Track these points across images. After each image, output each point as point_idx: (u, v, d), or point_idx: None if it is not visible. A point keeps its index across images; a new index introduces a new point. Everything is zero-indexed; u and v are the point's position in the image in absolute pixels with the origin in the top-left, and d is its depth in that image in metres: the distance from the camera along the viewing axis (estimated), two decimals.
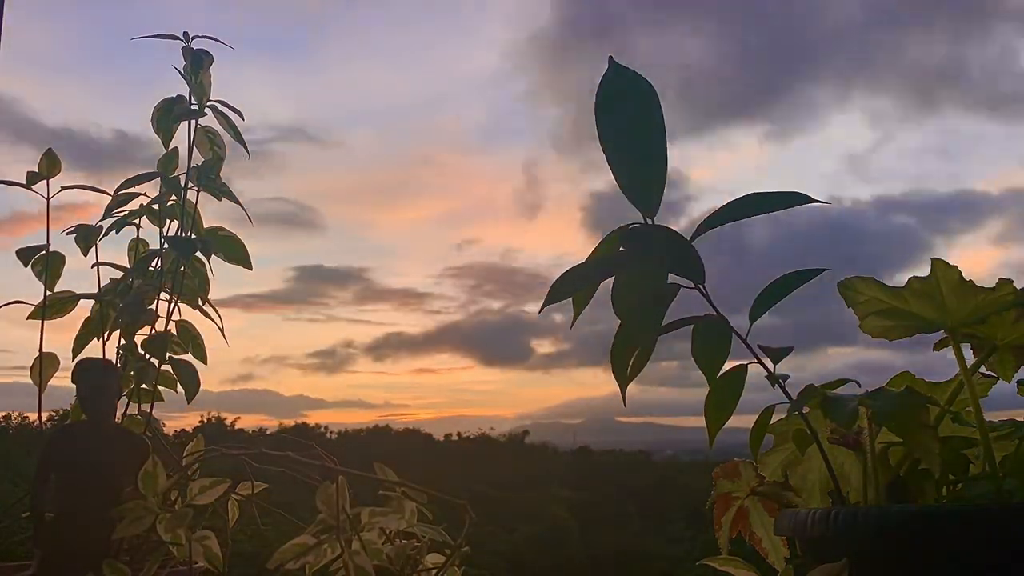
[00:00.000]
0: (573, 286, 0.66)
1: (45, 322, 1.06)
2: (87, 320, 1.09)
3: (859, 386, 0.66)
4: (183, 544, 0.84)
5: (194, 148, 1.09)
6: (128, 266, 1.11)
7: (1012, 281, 0.64)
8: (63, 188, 1.08)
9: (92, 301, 1.09)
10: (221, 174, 1.11)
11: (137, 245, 1.12)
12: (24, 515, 0.94)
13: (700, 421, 0.67)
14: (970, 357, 0.67)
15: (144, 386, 1.06)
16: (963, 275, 0.65)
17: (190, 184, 1.09)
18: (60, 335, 1.08)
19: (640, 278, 0.65)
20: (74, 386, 0.95)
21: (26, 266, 1.07)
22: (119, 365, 1.03)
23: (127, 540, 0.91)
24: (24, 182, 1.07)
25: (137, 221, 1.11)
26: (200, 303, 1.11)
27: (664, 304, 0.65)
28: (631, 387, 0.67)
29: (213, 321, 1.11)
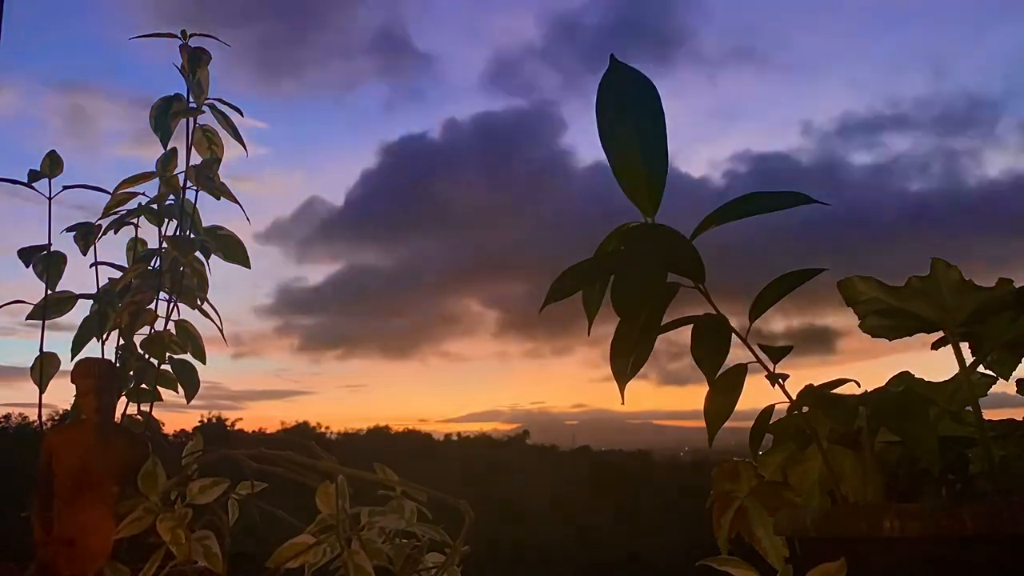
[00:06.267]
0: (573, 284, 0.66)
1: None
2: (86, 320, 1.09)
3: (858, 385, 0.66)
4: (183, 544, 0.84)
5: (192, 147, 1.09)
6: (127, 266, 1.11)
7: (1012, 280, 0.64)
8: (65, 187, 1.08)
9: (91, 301, 1.09)
10: None
11: (135, 244, 1.12)
12: (24, 515, 0.94)
13: (700, 421, 0.67)
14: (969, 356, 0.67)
15: (144, 386, 1.06)
16: (963, 274, 0.65)
17: (189, 183, 1.09)
18: (60, 335, 1.08)
19: (640, 276, 0.65)
20: (74, 386, 0.95)
21: (27, 266, 1.07)
22: (118, 365, 1.03)
23: (127, 540, 0.91)
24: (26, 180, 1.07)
25: (135, 220, 1.11)
26: (199, 303, 1.10)
27: (664, 303, 0.65)
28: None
29: (212, 321, 1.11)
